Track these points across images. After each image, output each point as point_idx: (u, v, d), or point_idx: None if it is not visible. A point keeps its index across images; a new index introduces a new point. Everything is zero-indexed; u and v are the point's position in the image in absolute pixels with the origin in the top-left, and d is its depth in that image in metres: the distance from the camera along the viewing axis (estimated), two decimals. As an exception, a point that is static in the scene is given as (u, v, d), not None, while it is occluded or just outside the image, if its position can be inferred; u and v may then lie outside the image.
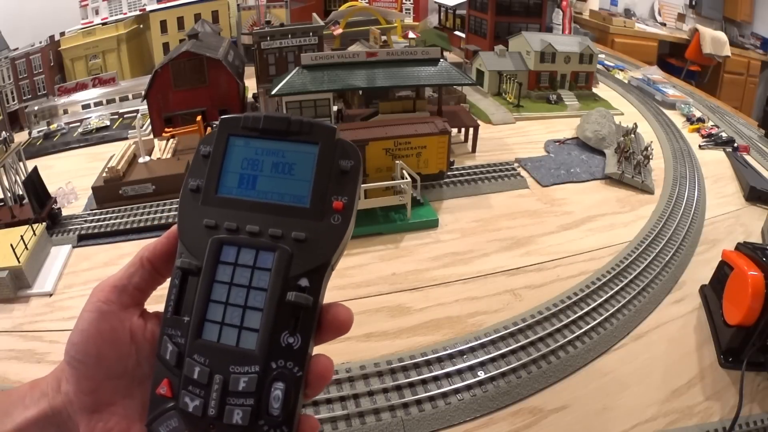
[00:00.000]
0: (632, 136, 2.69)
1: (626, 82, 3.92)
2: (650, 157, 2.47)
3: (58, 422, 0.46)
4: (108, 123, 3.00)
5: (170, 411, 0.43)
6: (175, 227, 0.48)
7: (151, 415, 0.43)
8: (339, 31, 3.71)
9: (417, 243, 1.95)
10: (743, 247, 1.50)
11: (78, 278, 1.78)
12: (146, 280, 0.48)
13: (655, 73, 4.09)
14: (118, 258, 1.87)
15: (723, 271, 1.54)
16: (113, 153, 2.32)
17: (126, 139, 2.79)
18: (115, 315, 0.46)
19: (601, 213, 2.16)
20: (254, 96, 3.09)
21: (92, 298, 0.46)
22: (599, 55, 3.79)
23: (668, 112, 3.30)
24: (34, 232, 1.80)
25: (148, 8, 3.66)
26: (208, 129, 2.53)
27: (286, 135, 0.48)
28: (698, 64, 5.41)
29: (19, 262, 1.66)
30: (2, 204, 2.06)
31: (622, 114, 3.19)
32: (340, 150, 0.48)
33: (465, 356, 1.42)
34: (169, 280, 0.47)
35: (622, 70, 4.19)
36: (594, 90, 3.49)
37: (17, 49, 3.11)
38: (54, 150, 2.77)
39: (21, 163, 2.12)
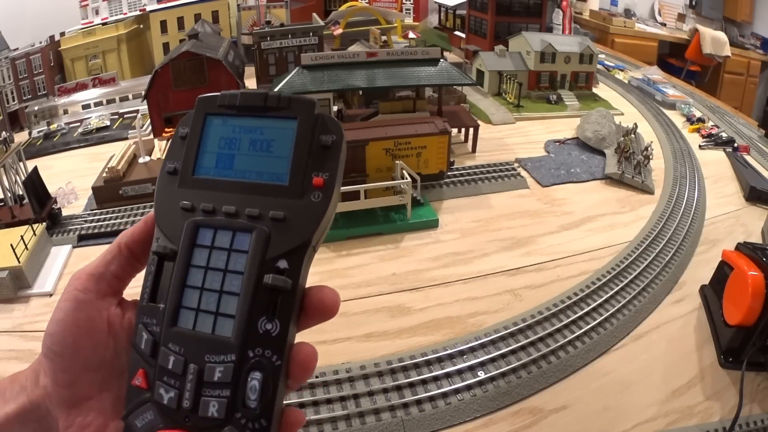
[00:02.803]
0: (632, 136, 2.69)
1: (626, 82, 3.92)
2: (650, 157, 2.47)
3: (38, 416, 0.45)
4: (108, 123, 3.00)
5: (146, 403, 0.40)
6: (152, 212, 0.46)
7: (127, 407, 0.41)
8: (339, 31, 3.71)
9: (417, 243, 1.95)
10: (743, 247, 1.50)
11: (78, 278, 1.77)
12: (124, 267, 0.46)
13: (655, 73, 4.09)
14: (118, 258, 1.87)
15: (723, 271, 1.54)
16: (113, 153, 2.32)
17: (126, 139, 2.79)
18: (92, 304, 0.44)
19: (601, 213, 2.16)
20: (254, 96, 3.09)
21: (69, 287, 0.45)
22: (599, 55, 3.78)
23: (668, 112, 3.30)
24: (34, 232, 1.80)
25: (148, 8, 3.66)
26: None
27: (264, 111, 0.46)
28: (698, 64, 5.41)
29: (19, 262, 1.66)
30: (2, 204, 2.06)
31: (622, 114, 3.19)
32: (320, 124, 0.45)
33: (465, 356, 1.42)
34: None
35: (622, 70, 4.19)
36: (594, 90, 3.49)
37: (17, 49, 3.11)
38: (54, 150, 2.77)
39: (21, 163, 2.12)
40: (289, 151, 0.45)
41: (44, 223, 1.91)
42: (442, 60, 2.48)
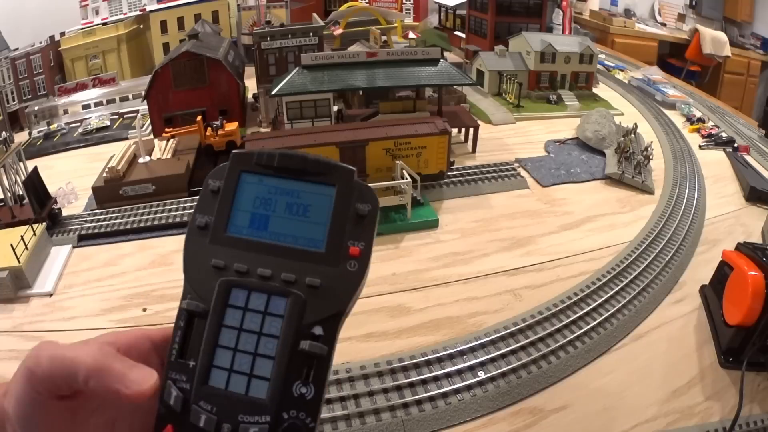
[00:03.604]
0: (632, 136, 2.69)
1: (626, 82, 3.92)
2: (650, 157, 2.47)
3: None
4: (108, 123, 3.00)
5: None
6: (140, 332, 0.45)
7: None
8: (339, 31, 3.71)
9: (417, 243, 1.95)
10: (743, 248, 1.50)
11: (78, 278, 1.78)
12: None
13: (656, 74, 4.09)
14: (118, 258, 1.87)
15: (723, 271, 1.54)
16: (113, 153, 2.32)
17: (126, 139, 2.79)
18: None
19: (601, 213, 2.16)
20: (254, 96, 3.09)
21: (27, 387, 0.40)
22: (599, 56, 3.78)
23: (668, 112, 3.30)
24: (34, 232, 1.80)
25: (148, 8, 3.66)
26: (208, 129, 2.53)
27: (302, 174, 0.46)
28: (698, 64, 5.42)
29: (19, 262, 1.66)
30: (2, 204, 2.06)
31: (623, 114, 3.19)
32: (357, 193, 0.46)
33: (465, 356, 1.42)
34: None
35: (622, 71, 4.19)
36: (594, 90, 3.49)
37: (17, 49, 3.11)
38: (54, 150, 2.77)
39: (21, 163, 2.12)
40: (327, 218, 0.45)
41: (44, 223, 1.91)
42: (442, 60, 2.48)
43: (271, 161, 0.46)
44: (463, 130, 2.70)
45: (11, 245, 1.68)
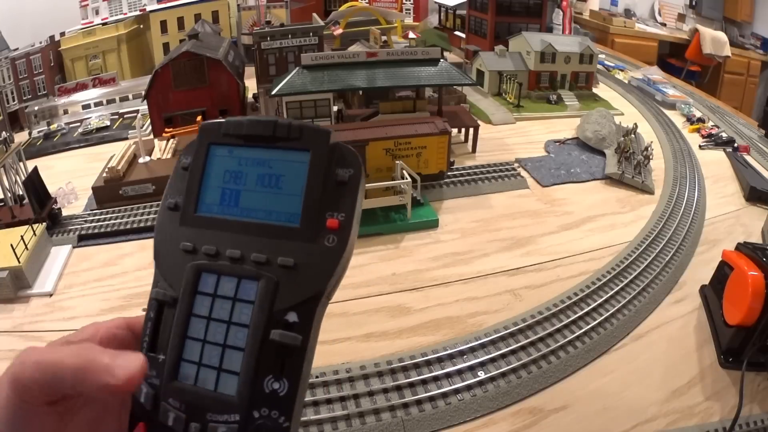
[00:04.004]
0: (632, 136, 2.69)
1: (626, 82, 3.92)
2: (650, 157, 2.47)
3: None
4: (108, 123, 3.00)
5: None
6: (124, 320, 0.42)
7: None
8: (339, 31, 3.71)
9: (417, 243, 1.95)
10: (743, 248, 1.50)
11: (78, 278, 1.78)
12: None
13: (656, 74, 4.09)
14: (118, 258, 1.87)
15: (723, 271, 1.54)
16: (113, 153, 2.32)
17: (126, 139, 2.79)
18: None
19: (601, 213, 2.16)
20: (254, 96, 3.09)
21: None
22: (599, 56, 3.78)
23: (668, 112, 3.30)
24: (34, 232, 1.80)
25: (148, 8, 3.66)
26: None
27: (273, 141, 0.41)
28: (698, 64, 5.41)
29: (19, 262, 1.66)
30: (2, 204, 2.06)
31: (623, 114, 3.19)
32: (337, 157, 0.40)
33: (465, 356, 1.42)
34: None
35: (622, 71, 4.19)
36: (594, 90, 3.49)
37: (17, 49, 3.11)
38: (54, 150, 2.77)
39: (21, 163, 2.12)
40: (301, 189, 0.40)
41: (44, 223, 1.91)
42: (442, 60, 2.48)
43: (240, 129, 0.42)
44: (463, 130, 2.70)
45: (11, 245, 1.68)
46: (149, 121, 2.75)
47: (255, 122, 0.42)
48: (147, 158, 2.34)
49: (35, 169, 2.05)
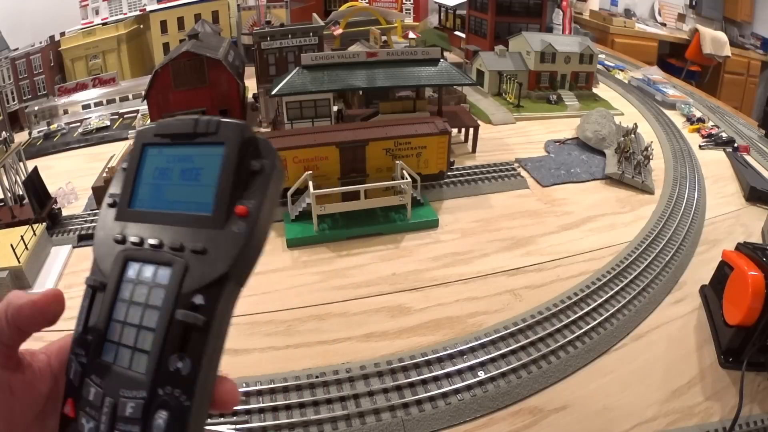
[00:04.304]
0: (632, 136, 2.69)
1: (626, 82, 3.92)
2: (650, 157, 2.47)
3: None
4: (108, 123, 3.00)
5: None
6: (45, 291, 0.45)
7: None
8: (339, 31, 3.71)
9: (417, 243, 1.95)
10: (743, 248, 1.50)
11: (78, 278, 1.77)
12: (11, 338, 0.43)
13: (656, 74, 4.09)
14: (118, 258, 1.87)
15: (723, 271, 1.54)
16: (113, 153, 2.33)
17: (126, 139, 2.79)
18: None
19: (601, 213, 2.16)
20: (254, 96, 3.09)
21: None
22: (599, 56, 3.78)
23: (668, 112, 3.30)
24: (34, 232, 1.80)
25: (148, 8, 3.66)
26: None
27: (195, 138, 0.45)
28: (698, 64, 5.42)
29: (19, 262, 1.66)
30: (2, 204, 2.06)
31: (623, 114, 3.19)
32: (251, 148, 0.43)
33: (465, 356, 1.42)
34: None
35: (622, 71, 4.19)
36: (594, 90, 3.49)
37: (17, 49, 3.11)
38: (54, 150, 2.77)
39: (21, 163, 2.12)
40: (215, 179, 0.43)
41: (44, 223, 1.91)
42: (442, 60, 2.48)
43: (168, 129, 0.46)
44: (463, 130, 2.70)
45: (11, 245, 1.68)
46: (149, 121, 2.75)
47: (179, 121, 0.46)
48: (147, 158, 2.34)
49: (35, 169, 2.05)
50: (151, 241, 0.43)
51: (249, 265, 0.42)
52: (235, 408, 1.24)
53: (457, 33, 4.25)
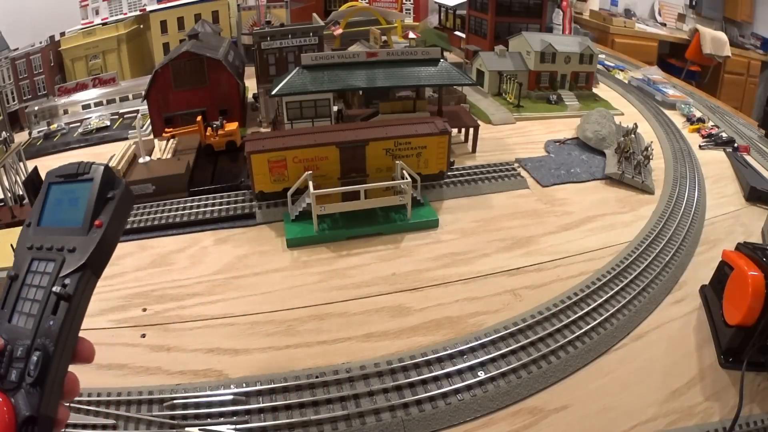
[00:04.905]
0: (632, 136, 2.69)
1: (626, 82, 3.92)
2: (650, 157, 2.47)
3: None
4: (108, 123, 3.00)
5: None
6: None
7: None
8: (339, 31, 3.71)
9: (417, 243, 1.95)
10: (743, 248, 1.50)
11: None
12: None
13: (656, 74, 4.09)
14: (118, 258, 1.87)
15: (723, 271, 1.54)
16: (113, 153, 2.32)
17: (126, 139, 2.79)
18: None
19: (601, 213, 2.16)
20: (254, 96, 3.09)
21: None
22: (599, 56, 3.79)
23: (668, 112, 3.30)
24: (34, 232, 1.80)
25: (148, 8, 3.66)
26: (208, 129, 2.53)
27: (78, 177, 0.69)
28: (698, 64, 5.42)
29: (19, 262, 1.66)
30: (2, 204, 2.06)
31: (623, 114, 3.19)
32: (109, 183, 0.69)
33: (465, 356, 1.42)
34: None
35: (622, 71, 4.19)
36: (594, 90, 3.49)
37: (17, 49, 3.11)
38: (54, 150, 2.77)
39: (21, 163, 2.12)
40: (86, 203, 0.67)
41: (44, 223, 1.90)
42: (442, 60, 2.48)
43: (62, 171, 0.71)
44: (463, 130, 2.70)
45: (11, 245, 1.67)
46: (149, 121, 2.75)
47: (69, 166, 0.71)
48: (147, 158, 2.34)
49: (35, 169, 2.06)
50: (46, 246, 0.67)
51: (102, 259, 0.67)
52: (235, 408, 1.25)
53: (457, 33, 4.25)
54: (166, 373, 1.39)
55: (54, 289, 0.62)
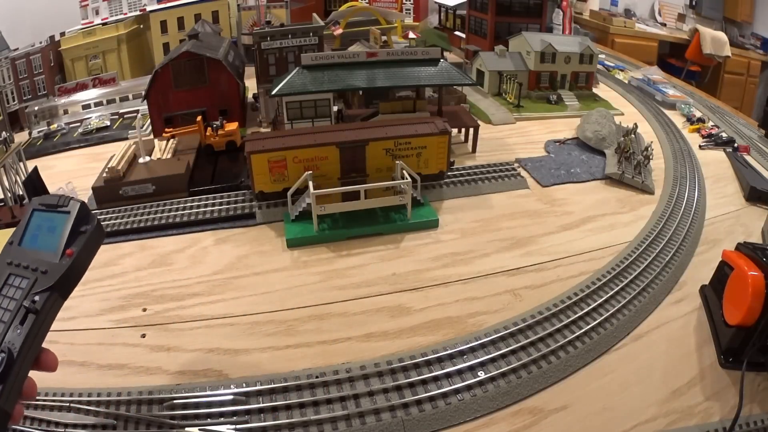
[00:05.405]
0: (632, 136, 2.69)
1: (626, 82, 3.92)
2: (650, 157, 2.47)
3: None
4: (108, 123, 3.00)
5: None
6: None
7: None
8: (339, 31, 3.71)
9: (417, 243, 1.95)
10: (743, 248, 1.50)
11: (78, 278, 1.77)
12: None
13: (656, 74, 4.09)
14: (118, 258, 1.87)
15: (723, 271, 1.54)
16: (113, 153, 2.32)
17: (126, 139, 2.79)
18: None
19: (601, 213, 2.16)
20: (254, 96, 3.09)
21: None
22: (599, 56, 3.79)
23: (668, 112, 3.30)
24: (34, 232, 1.80)
25: (148, 8, 3.66)
26: (208, 129, 2.53)
27: (57, 208, 0.85)
28: (698, 64, 5.42)
29: (19, 262, 1.66)
30: (2, 204, 2.06)
31: (623, 114, 3.19)
32: (84, 217, 0.85)
33: (465, 356, 1.42)
34: None
35: (622, 71, 4.19)
36: (594, 90, 3.49)
37: (17, 49, 3.11)
38: (54, 150, 2.77)
39: (21, 163, 2.12)
40: (61, 233, 0.83)
41: (44, 223, 1.90)
42: (442, 60, 2.48)
43: (45, 201, 0.86)
44: (463, 130, 2.70)
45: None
46: (149, 121, 2.75)
47: (51, 197, 0.86)
48: (147, 158, 2.34)
49: (35, 169, 2.06)
50: (23, 264, 0.82)
51: (70, 283, 0.83)
52: (235, 408, 1.25)
53: (457, 33, 4.25)
54: (166, 373, 1.39)
55: (24, 303, 0.76)
